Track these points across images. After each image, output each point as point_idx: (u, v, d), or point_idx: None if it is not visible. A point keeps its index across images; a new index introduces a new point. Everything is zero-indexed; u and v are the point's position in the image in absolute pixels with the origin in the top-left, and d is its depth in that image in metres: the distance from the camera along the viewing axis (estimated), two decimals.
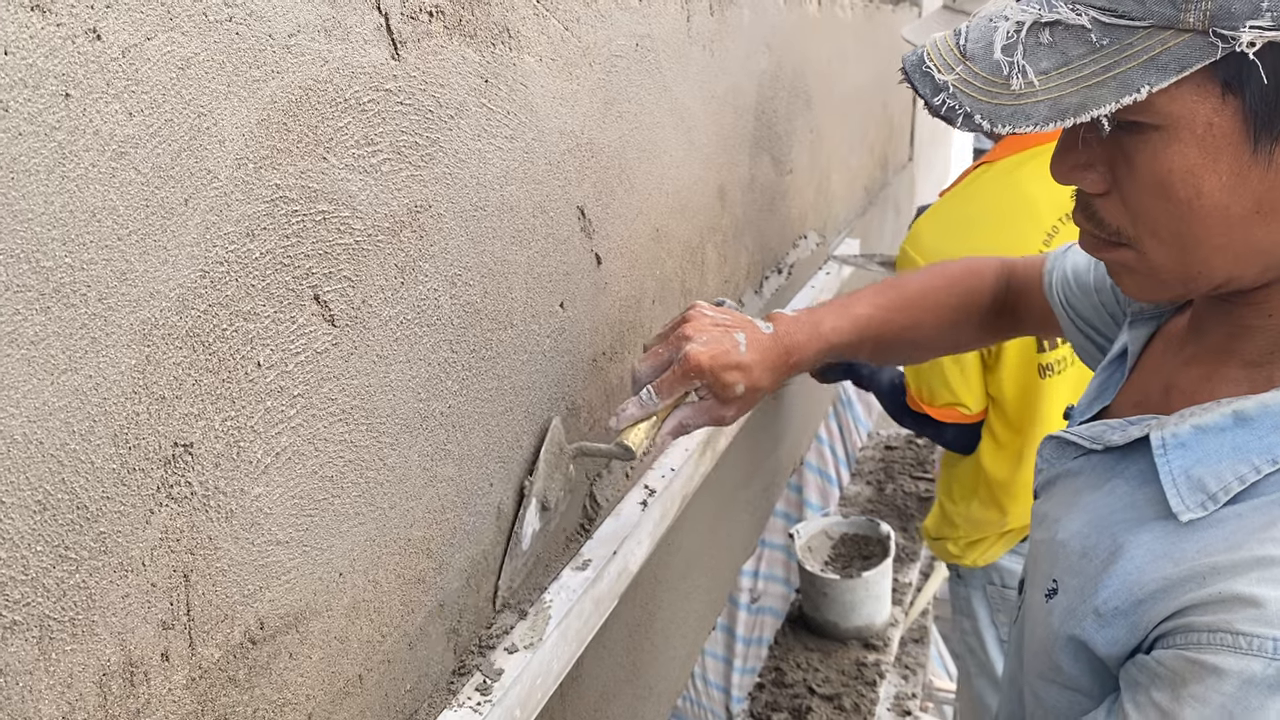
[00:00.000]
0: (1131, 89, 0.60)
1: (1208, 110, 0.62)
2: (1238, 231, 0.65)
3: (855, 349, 1.14)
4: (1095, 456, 0.79)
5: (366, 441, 0.78)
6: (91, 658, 0.56)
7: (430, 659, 0.91)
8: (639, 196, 1.28)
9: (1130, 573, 0.69)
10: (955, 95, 0.66)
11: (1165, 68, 0.60)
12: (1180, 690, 0.63)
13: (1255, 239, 0.66)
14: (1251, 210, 0.65)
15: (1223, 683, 0.61)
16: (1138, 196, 0.68)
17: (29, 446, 0.51)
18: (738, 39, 1.63)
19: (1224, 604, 0.62)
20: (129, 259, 0.56)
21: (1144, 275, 0.72)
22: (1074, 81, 0.62)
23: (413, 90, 0.78)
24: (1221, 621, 0.62)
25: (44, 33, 0.49)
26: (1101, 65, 0.62)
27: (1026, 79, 0.64)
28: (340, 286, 0.73)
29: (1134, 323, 0.86)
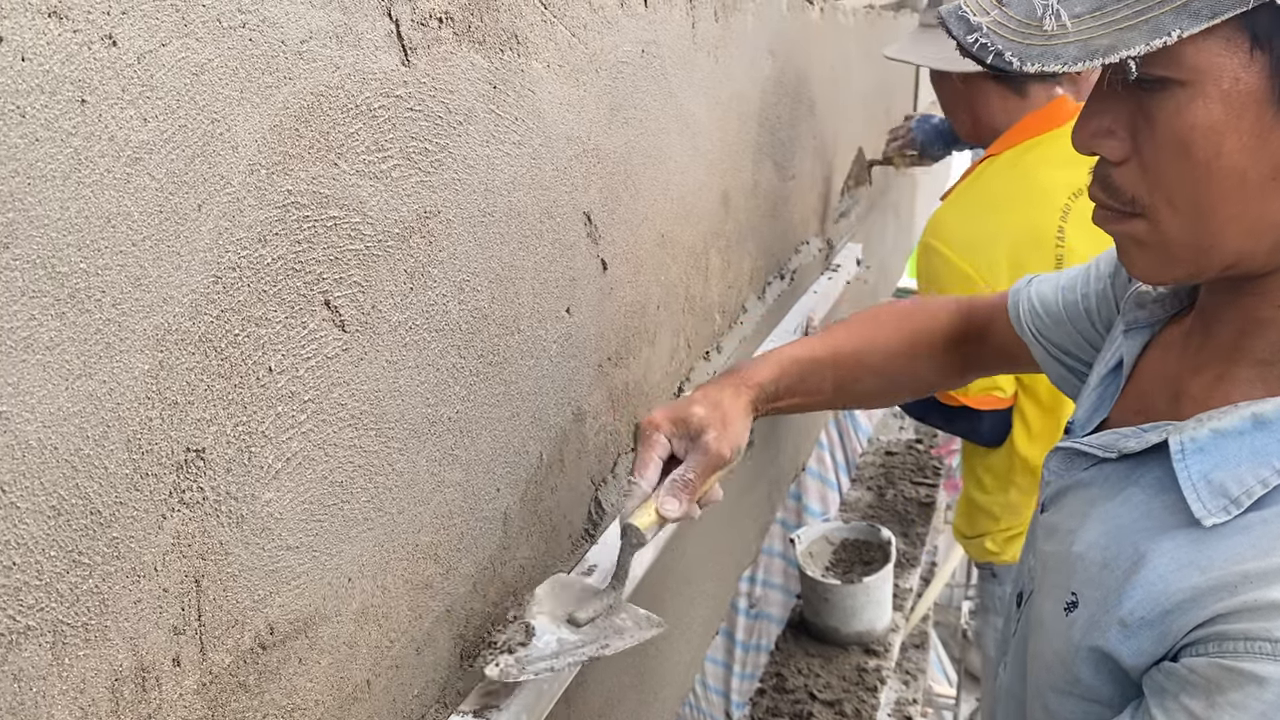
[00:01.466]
0: (1163, 32, 0.60)
1: (1235, 65, 0.62)
2: (1254, 200, 0.65)
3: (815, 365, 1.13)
4: (1109, 466, 0.78)
5: (375, 446, 0.78)
6: (104, 663, 0.56)
7: (437, 664, 0.91)
8: (644, 202, 1.28)
9: (1155, 582, 0.69)
10: (988, 34, 0.67)
11: (1198, 14, 0.59)
12: (1216, 697, 0.63)
13: (1270, 209, 0.65)
14: (1269, 176, 0.64)
15: (1264, 690, 0.61)
16: (1156, 159, 0.68)
17: (44, 452, 0.51)
18: (742, 45, 1.64)
19: (1260, 611, 0.62)
20: (143, 264, 0.56)
21: (1155, 249, 0.71)
22: (1106, 25, 0.62)
23: (422, 96, 0.78)
24: (1259, 629, 0.62)
25: (61, 39, 0.50)
26: (1135, 9, 0.62)
27: (1060, 21, 0.64)
28: (351, 292, 0.73)
29: (1129, 332, 0.85)
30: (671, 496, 0.95)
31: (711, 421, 0.98)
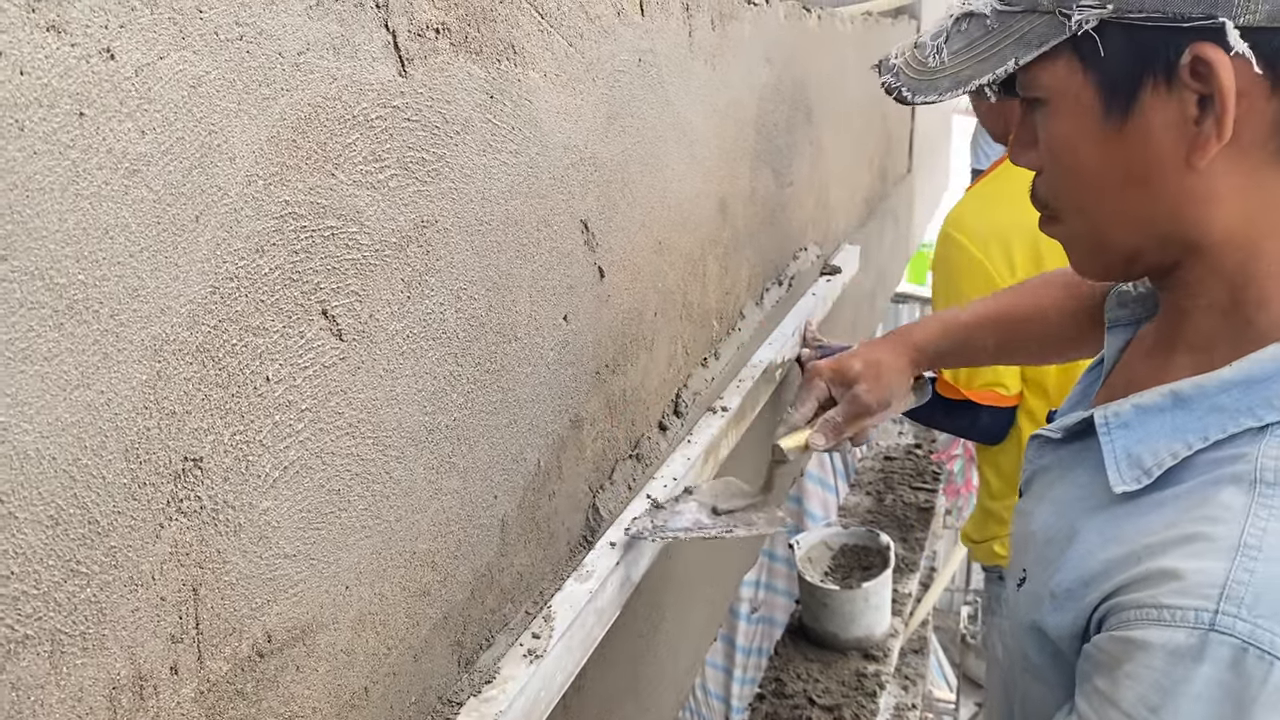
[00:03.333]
0: (1004, 62, 0.71)
1: (1075, 84, 0.70)
2: (1119, 200, 0.72)
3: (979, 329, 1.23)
4: (1063, 449, 0.82)
5: (373, 455, 0.78)
6: (102, 671, 0.56)
7: (435, 671, 0.91)
8: (641, 210, 1.28)
9: (1082, 555, 0.71)
10: (897, 74, 0.79)
11: (1030, 44, 0.70)
12: (1116, 671, 0.64)
13: (1135, 207, 0.71)
14: (1122, 179, 0.71)
15: (1151, 657, 0.62)
16: (1048, 168, 0.76)
17: (42, 462, 0.51)
18: (739, 53, 1.64)
19: (1149, 579, 0.64)
20: (141, 275, 0.56)
21: (1073, 248, 0.79)
22: (972, 59, 0.73)
23: (419, 106, 0.79)
24: (1147, 597, 0.63)
25: (59, 52, 0.50)
26: (990, 45, 0.72)
27: (940, 58, 0.75)
28: (348, 301, 0.73)
29: (1112, 329, 0.89)
30: (820, 433, 1.19)
31: (865, 376, 1.19)
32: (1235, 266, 0.70)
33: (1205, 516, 0.64)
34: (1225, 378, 0.68)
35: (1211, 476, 0.66)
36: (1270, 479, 0.64)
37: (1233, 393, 0.67)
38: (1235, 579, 0.60)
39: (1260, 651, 0.58)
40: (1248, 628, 0.59)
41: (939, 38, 0.76)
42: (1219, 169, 0.67)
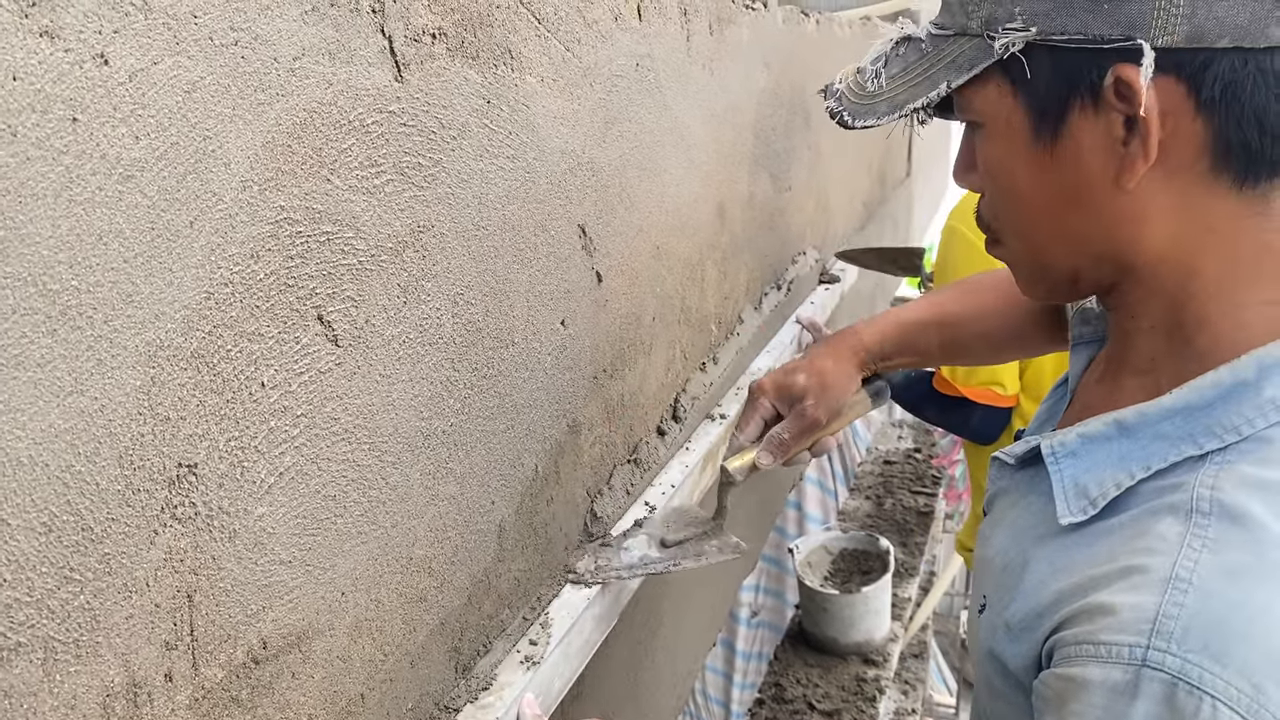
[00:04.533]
0: (936, 86, 0.71)
1: (1006, 107, 0.70)
2: (1054, 221, 0.72)
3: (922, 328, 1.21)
4: (1019, 473, 0.81)
5: (369, 461, 0.78)
6: (95, 679, 0.56)
7: (432, 677, 0.91)
8: (639, 214, 1.28)
9: (1034, 586, 0.71)
10: (839, 98, 0.79)
11: (961, 68, 0.70)
12: (1062, 710, 0.63)
13: (1069, 229, 0.71)
14: (1055, 200, 0.70)
15: (1092, 694, 0.61)
16: (987, 191, 0.76)
17: (35, 469, 0.51)
18: (737, 58, 1.64)
19: (1088, 615, 0.63)
20: (135, 281, 0.56)
21: (1016, 269, 0.79)
22: (907, 83, 0.73)
23: (416, 112, 0.79)
24: (1085, 633, 0.63)
25: (53, 58, 0.50)
26: (924, 69, 0.73)
27: (878, 82, 0.76)
28: (343, 306, 0.73)
29: (1075, 347, 0.88)
30: (766, 451, 1.14)
31: (810, 389, 1.13)
32: (1172, 287, 0.69)
33: (1143, 548, 0.63)
34: (1166, 405, 0.67)
35: (1151, 506, 0.66)
36: (1205, 509, 0.62)
37: (1175, 420, 0.67)
38: (1165, 613, 0.59)
39: (1189, 686, 0.58)
40: (1177, 663, 0.58)
41: (878, 62, 0.76)
42: (1149, 189, 0.67)
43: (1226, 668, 0.57)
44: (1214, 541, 0.61)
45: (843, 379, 1.15)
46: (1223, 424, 0.65)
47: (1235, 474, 0.63)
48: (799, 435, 1.13)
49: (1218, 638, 0.58)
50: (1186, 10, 0.60)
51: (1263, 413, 0.64)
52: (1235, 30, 0.59)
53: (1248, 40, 0.59)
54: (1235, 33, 0.59)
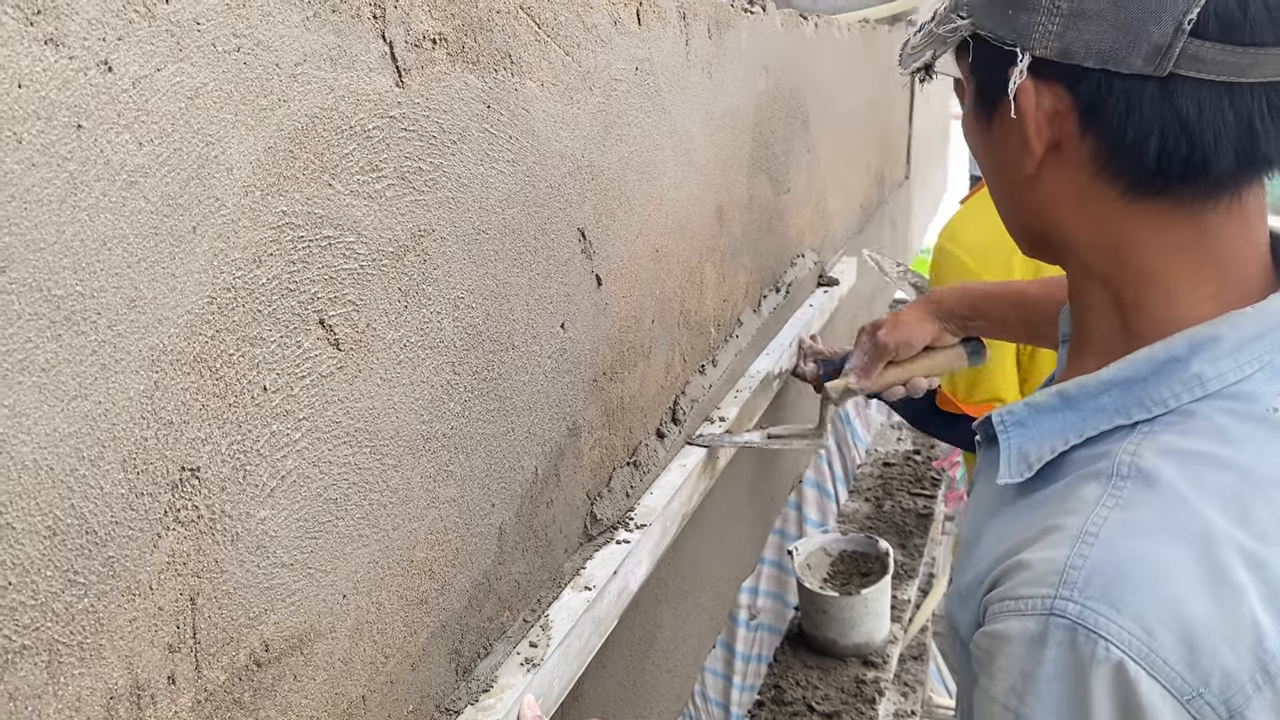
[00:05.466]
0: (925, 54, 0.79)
1: (966, 81, 0.78)
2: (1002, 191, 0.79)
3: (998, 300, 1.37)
4: (987, 452, 0.83)
5: (370, 464, 0.78)
6: (99, 681, 0.56)
7: (432, 680, 0.91)
8: (639, 217, 1.29)
9: (981, 554, 0.74)
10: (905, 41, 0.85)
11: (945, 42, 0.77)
12: (990, 666, 0.66)
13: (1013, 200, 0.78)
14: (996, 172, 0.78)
15: (1012, 646, 0.64)
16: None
17: (39, 472, 0.52)
18: (736, 61, 1.65)
19: (1011, 572, 0.67)
20: (138, 286, 0.56)
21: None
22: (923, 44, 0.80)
23: (416, 117, 0.79)
24: (1007, 589, 0.66)
25: (57, 66, 0.50)
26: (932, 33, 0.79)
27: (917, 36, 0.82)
28: (345, 311, 0.74)
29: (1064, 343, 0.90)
30: (854, 374, 1.46)
31: (886, 323, 1.44)
32: (1104, 271, 0.73)
33: (1064, 509, 0.67)
34: (1104, 378, 0.71)
35: (1081, 473, 0.69)
36: (1124, 472, 0.66)
37: (1113, 393, 0.70)
38: (1071, 564, 0.63)
39: (1087, 630, 0.61)
40: (1077, 609, 0.61)
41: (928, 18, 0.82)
42: (1053, 182, 0.72)
43: (1122, 613, 0.61)
44: (1125, 501, 0.65)
45: (913, 321, 1.41)
46: (1152, 397, 0.68)
47: (1157, 442, 0.67)
48: (874, 357, 1.43)
49: (1116, 586, 0.61)
50: (1059, 29, 0.66)
51: (1188, 387, 0.67)
52: (1099, 54, 0.65)
53: (1111, 64, 0.64)
54: (1099, 56, 0.65)
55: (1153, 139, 0.65)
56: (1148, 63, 0.63)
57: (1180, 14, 0.61)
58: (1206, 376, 0.67)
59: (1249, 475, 0.64)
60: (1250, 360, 0.67)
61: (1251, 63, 0.61)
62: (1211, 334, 0.68)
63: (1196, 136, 0.64)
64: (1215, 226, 0.69)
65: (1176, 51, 0.62)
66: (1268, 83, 0.62)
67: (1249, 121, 0.63)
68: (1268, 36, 0.61)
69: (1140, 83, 0.64)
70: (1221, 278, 0.70)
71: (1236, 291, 0.70)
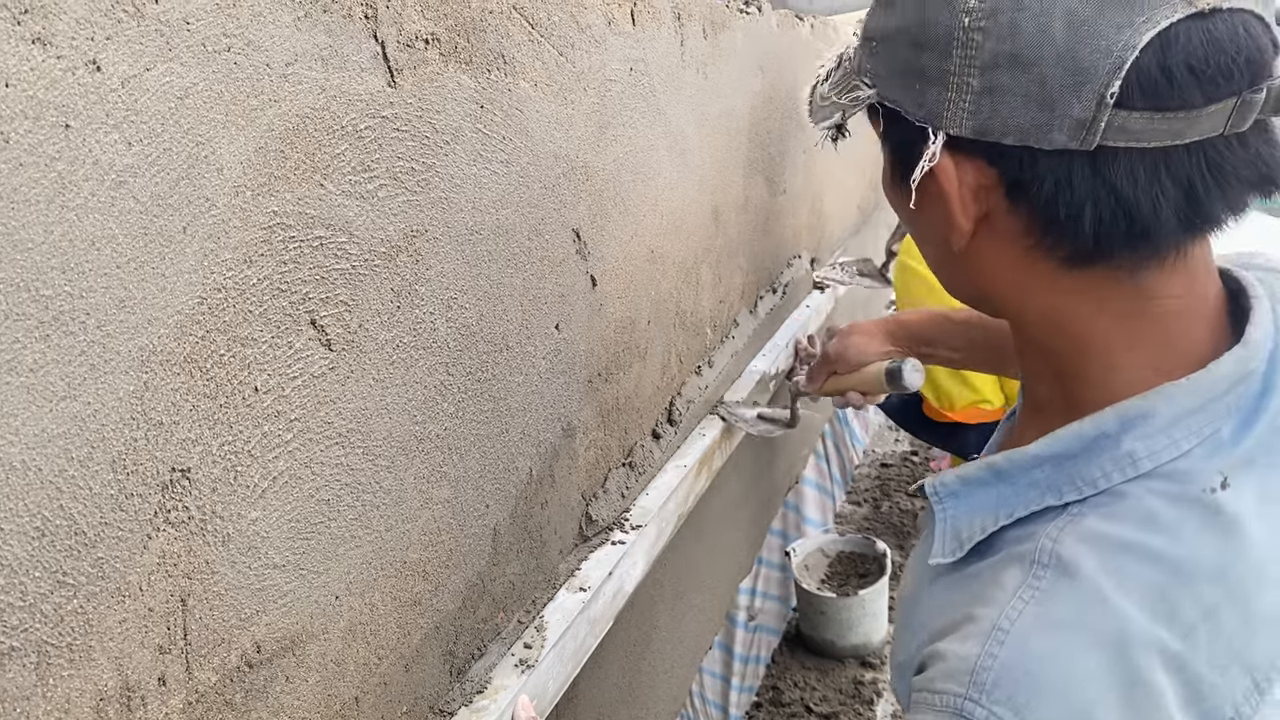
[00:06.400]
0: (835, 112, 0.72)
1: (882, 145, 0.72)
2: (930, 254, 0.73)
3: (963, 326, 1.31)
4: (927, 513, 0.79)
5: (362, 465, 0.78)
6: (89, 683, 0.56)
7: (426, 681, 0.91)
8: (634, 218, 1.29)
9: (915, 627, 0.71)
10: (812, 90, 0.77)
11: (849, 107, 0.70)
12: None
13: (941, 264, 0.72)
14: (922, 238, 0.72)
15: None
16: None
17: (28, 473, 0.51)
18: (731, 62, 1.65)
19: (931, 660, 0.64)
20: (128, 286, 0.56)
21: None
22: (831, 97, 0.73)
23: (409, 117, 0.79)
24: (925, 679, 0.63)
25: (45, 65, 0.50)
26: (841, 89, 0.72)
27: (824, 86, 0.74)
28: (337, 311, 0.73)
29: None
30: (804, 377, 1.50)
31: (839, 334, 1.43)
32: (1044, 339, 0.69)
33: (984, 597, 0.63)
34: (1033, 453, 0.66)
35: (1007, 554, 0.65)
36: (1045, 560, 0.62)
37: (1045, 468, 0.66)
38: (982, 664, 0.60)
39: None
40: (984, 713, 0.58)
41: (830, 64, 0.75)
42: (986, 254, 0.67)
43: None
44: (1042, 594, 0.61)
45: (862, 336, 1.40)
46: (1083, 476, 0.64)
47: (1080, 527, 0.62)
48: (819, 366, 1.45)
49: (1022, 690, 0.58)
50: (971, 107, 0.61)
51: (1119, 466, 0.63)
52: (1018, 131, 0.60)
53: (1033, 140, 0.60)
54: (1018, 133, 0.60)
55: (1086, 213, 0.61)
56: (1072, 138, 0.59)
57: (1101, 87, 0.57)
58: (1139, 455, 0.63)
59: (1178, 568, 0.60)
60: (1186, 435, 0.62)
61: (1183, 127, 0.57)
62: (1144, 408, 0.63)
63: (1134, 208, 0.60)
64: (1157, 288, 0.64)
65: (1102, 125, 0.58)
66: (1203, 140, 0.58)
67: (1188, 185, 0.59)
68: (1196, 98, 0.57)
69: (1066, 157, 0.60)
70: (1162, 343, 0.65)
71: (1178, 357, 0.65)
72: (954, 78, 0.62)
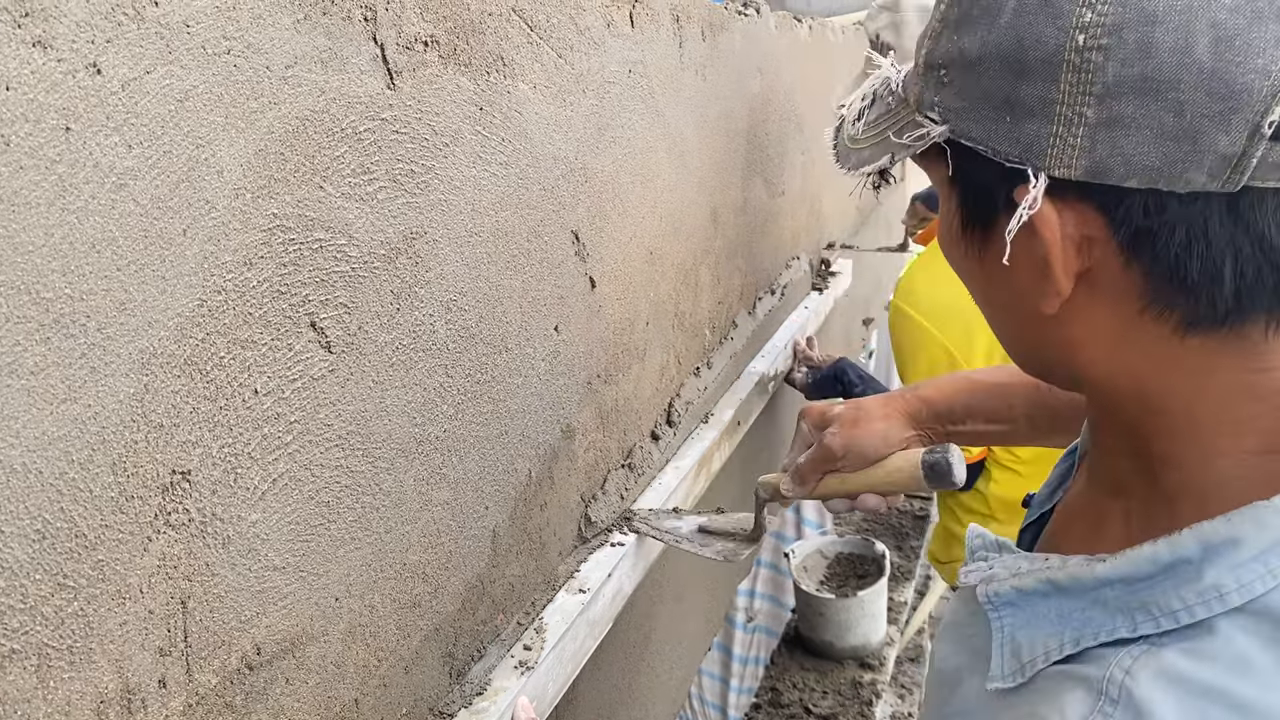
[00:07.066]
0: (886, 153, 0.63)
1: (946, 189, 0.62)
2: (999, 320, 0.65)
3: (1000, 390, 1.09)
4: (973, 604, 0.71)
5: (362, 466, 0.78)
6: (89, 685, 0.56)
7: (425, 683, 0.91)
8: (633, 220, 1.29)
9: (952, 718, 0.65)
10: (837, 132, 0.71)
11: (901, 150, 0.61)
12: None
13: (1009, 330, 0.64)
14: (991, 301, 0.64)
15: None
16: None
17: (28, 476, 0.51)
18: (730, 64, 1.65)
19: None
20: (128, 289, 0.56)
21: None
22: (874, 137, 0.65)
23: (408, 119, 0.79)
24: None
25: (45, 68, 0.50)
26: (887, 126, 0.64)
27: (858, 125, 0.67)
28: (336, 313, 0.73)
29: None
30: (789, 477, 1.11)
31: (842, 420, 1.07)
32: (1132, 417, 0.61)
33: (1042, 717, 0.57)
34: (1101, 575, 0.59)
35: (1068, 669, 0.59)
36: (1114, 694, 0.55)
37: (1115, 589, 0.58)
38: None
39: None
40: None
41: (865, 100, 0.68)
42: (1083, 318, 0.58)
43: None
44: None
45: (879, 420, 1.07)
46: (1159, 605, 0.56)
47: (1157, 662, 0.55)
48: (815, 463, 1.07)
49: None
50: (1084, 144, 0.52)
51: (1204, 600, 0.55)
52: (1145, 171, 0.51)
53: (1162, 183, 0.51)
54: (1145, 174, 0.51)
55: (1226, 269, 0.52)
56: (1213, 178, 0.50)
57: (1256, 116, 0.48)
58: (1226, 588, 0.54)
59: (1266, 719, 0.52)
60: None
61: None
62: (1229, 535, 0.54)
63: None
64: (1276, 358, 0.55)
65: (1254, 162, 0.49)
66: None
67: None
68: None
69: (1203, 201, 0.51)
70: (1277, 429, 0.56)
71: None
72: (1062, 108, 0.52)
